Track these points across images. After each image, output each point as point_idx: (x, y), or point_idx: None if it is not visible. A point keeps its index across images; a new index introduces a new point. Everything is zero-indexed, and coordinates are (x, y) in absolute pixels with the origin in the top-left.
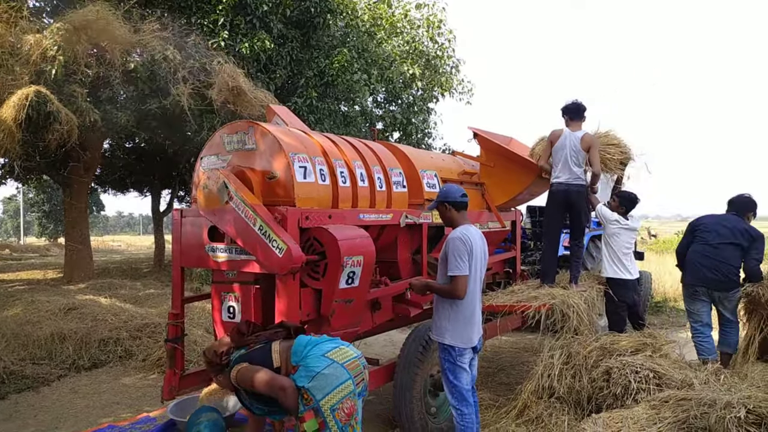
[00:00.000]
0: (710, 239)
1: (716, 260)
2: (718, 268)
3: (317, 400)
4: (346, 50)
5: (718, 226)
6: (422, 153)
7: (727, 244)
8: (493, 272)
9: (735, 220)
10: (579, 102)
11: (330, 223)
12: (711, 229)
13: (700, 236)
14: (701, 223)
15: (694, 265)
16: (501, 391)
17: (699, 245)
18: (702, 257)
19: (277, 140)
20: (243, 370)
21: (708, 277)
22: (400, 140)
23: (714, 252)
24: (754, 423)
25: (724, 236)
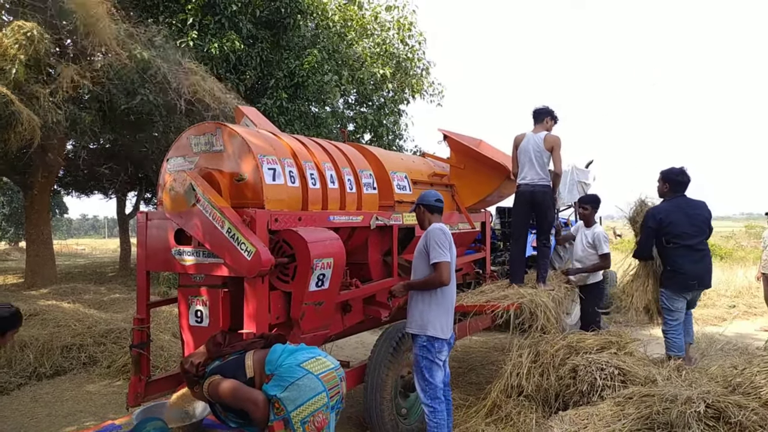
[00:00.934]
0: (690, 242)
1: (705, 262)
2: (707, 269)
3: (288, 411)
4: (316, 51)
5: (688, 224)
6: (392, 155)
7: (704, 241)
8: (464, 273)
9: (696, 206)
10: (540, 106)
11: (300, 226)
12: (684, 229)
13: (676, 240)
14: (670, 222)
15: (687, 273)
16: (471, 390)
17: (682, 251)
18: (692, 263)
19: (245, 142)
20: (214, 383)
21: (704, 278)
22: (371, 142)
23: (700, 255)
24: (712, 417)
25: (699, 233)
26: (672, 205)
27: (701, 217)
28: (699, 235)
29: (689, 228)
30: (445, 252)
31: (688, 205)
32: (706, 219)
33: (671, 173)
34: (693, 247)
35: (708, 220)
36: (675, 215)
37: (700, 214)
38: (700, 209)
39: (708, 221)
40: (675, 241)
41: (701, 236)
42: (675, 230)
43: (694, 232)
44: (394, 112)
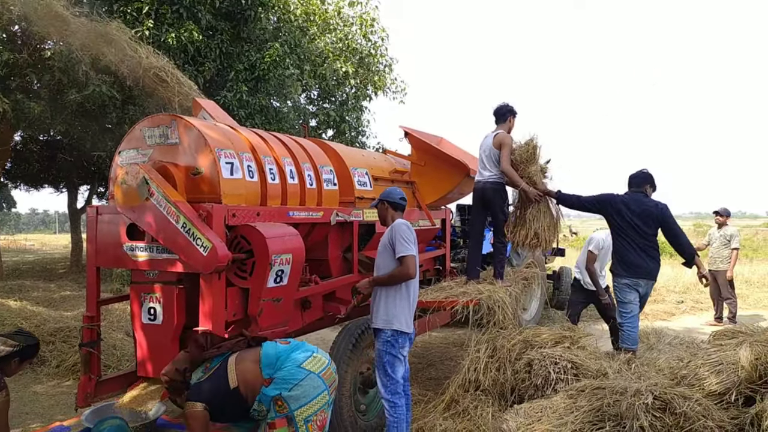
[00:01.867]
0: (637, 230)
1: (648, 251)
2: (655, 258)
3: (292, 409)
4: (278, 45)
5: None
6: (353, 151)
7: (650, 233)
8: (424, 269)
9: (644, 203)
10: (502, 104)
11: (258, 221)
12: (630, 217)
13: (624, 228)
14: (617, 210)
15: (634, 259)
16: (430, 386)
17: (629, 238)
18: (639, 250)
19: (202, 135)
20: (189, 418)
21: (651, 267)
22: (334, 138)
23: (644, 243)
24: (659, 408)
25: (645, 224)
26: (627, 197)
27: (651, 215)
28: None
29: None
30: (411, 246)
31: (641, 201)
32: (654, 216)
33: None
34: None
35: (657, 218)
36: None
37: (650, 211)
38: (650, 206)
39: (657, 218)
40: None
41: (649, 233)
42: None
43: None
44: (357, 108)
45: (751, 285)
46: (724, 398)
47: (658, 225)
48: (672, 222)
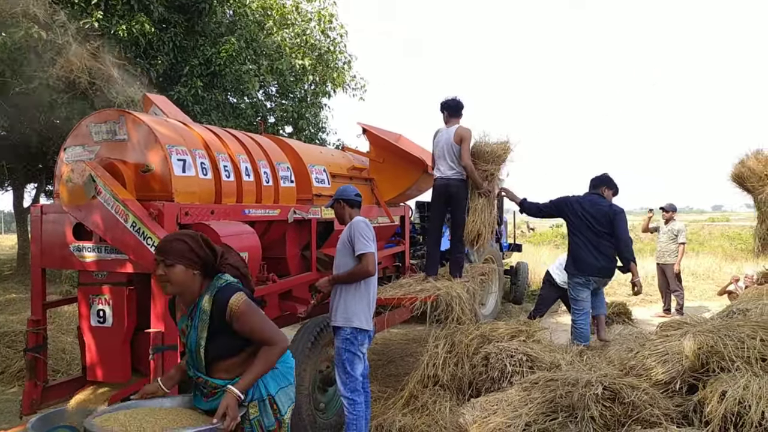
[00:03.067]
0: (591, 228)
1: (601, 249)
2: (608, 256)
3: (282, 413)
4: (234, 39)
5: (587, 214)
6: (311, 148)
7: (604, 234)
8: (383, 266)
9: (597, 202)
10: (454, 98)
11: (212, 219)
12: (584, 216)
13: (578, 227)
14: (573, 210)
15: (586, 257)
16: (390, 382)
17: (584, 237)
18: (591, 248)
19: (151, 131)
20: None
21: (602, 265)
22: (293, 135)
23: (597, 242)
24: (608, 398)
25: (598, 223)
26: (582, 197)
27: (602, 213)
28: (600, 228)
29: (592, 220)
30: (371, 243)
31: (596, 202)
32: (605, 214)
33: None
34: (596, 237)
35: (606, 216)
36: (582, 205)
37: (601, 210)
38: (602, 206)
39: (607, 216)
40: (580, 231)
41: (602, 231)
42: (579, 217)
43: (597, 225)
44: (316, 104)
45: (698, 277)
46: (670, 387)
47: (610, 225)
48: (621, 225)
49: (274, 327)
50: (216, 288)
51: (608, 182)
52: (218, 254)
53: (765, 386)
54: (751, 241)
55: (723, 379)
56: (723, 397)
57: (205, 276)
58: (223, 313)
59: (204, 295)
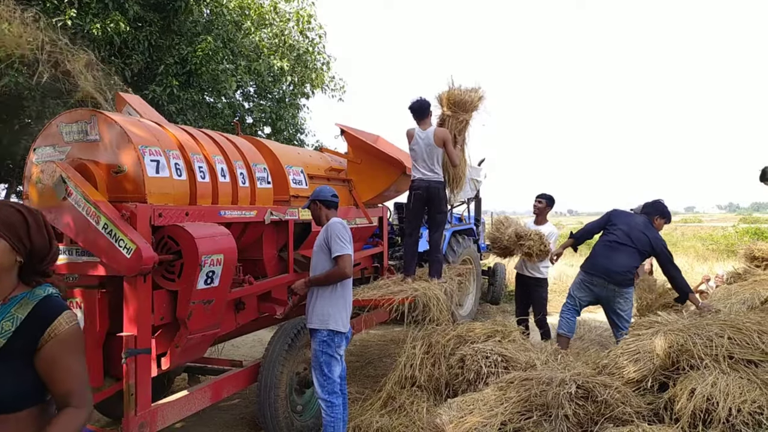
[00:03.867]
0: (617, 236)
1: (615, 255)
2: (617, 262)
3: None
4: (210, 38)
5: (625, 225)
6: (288, 149)
7: (628, 246)
8: (361, 267)
9: (643, 224)
10: (422, 100)
11: (187, 221)
12: (618, 226)
13: (609, 230)
14: (613, 221)
15: (596, 255)
16: (368, 383)
17: (604, 238)
18: (604, 248)
19: (124, 131)
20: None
21: (608, 268)
22: (271, 136)
23: (616, 247)
24: (582, 396)
25: (628, 237)
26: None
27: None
28: (628, 237)
29: (623, 227)
30: (347, 245)
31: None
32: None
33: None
34: (616, 241)
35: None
36: (623, 218)
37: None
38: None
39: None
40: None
41: (631, 242)
42: (612, 225)
43: (626, 233)
44: (294, 105)
45: None
46: (641, 385)
47: (646, 248)
48: (664, 255)
49: (87, 382)
50: (38, 297)
51: (662, 211)
52: (51, 253)
53: (732, 383)
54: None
55: (692, 376)
56: (692, 394)
57: (23, 275)
58: (38, 332)
59: (16, 299)
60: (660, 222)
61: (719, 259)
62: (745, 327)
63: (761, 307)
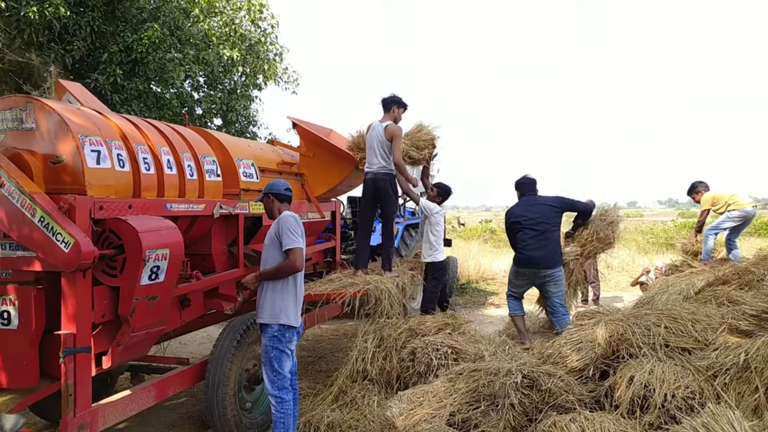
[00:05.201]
0: (531, 225)
1: (542, 241)
2: (544, 247)
3: None
4: (157, 26)
5: (528, 212)
6: (239, 141)
7: (546, 223)
8: (314, 262)
9: (542, 200)
10: (390, 95)
11: (130, 214)
12: (525, 218)
13: (520, 227)
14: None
15: (524, 250)
16: (320, 378)
17: (522, 233)
18: (529, 241)
19: (63, 120)
20: None
21: (537, 256)
22: (222, 127)
23: (535, 234)
24: (527, 386)
25: (540, 218)
26: (520, 202)
27: (542, 208)
28: (538, 219)
29: (528, 214)
30: (298, 238)
31: (533, 201)
32: (548, 208)
33: (516, 182)
34: (532, 230)
35: (548, 205)
36: (518, 209)
37: (542, 205)
38: (542, 201)
39: (548, 206)
40: (518, 229)
41: (540, 221)
42: (516, 219)
43: (533, 216)
44: (246, 96)
45: (612, 269)
46: (584, 373)
47: (560, 210)
48: (567, 201)
49: None
50: None
51: (533, 185)
52: None
53: (668, 370)
54: (662, 235)
55: (631, 364)
56: (631, 381)
57: None
58: None
59: None
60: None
61: (659, 251)
62: (680, 316)
63: (695, 297)
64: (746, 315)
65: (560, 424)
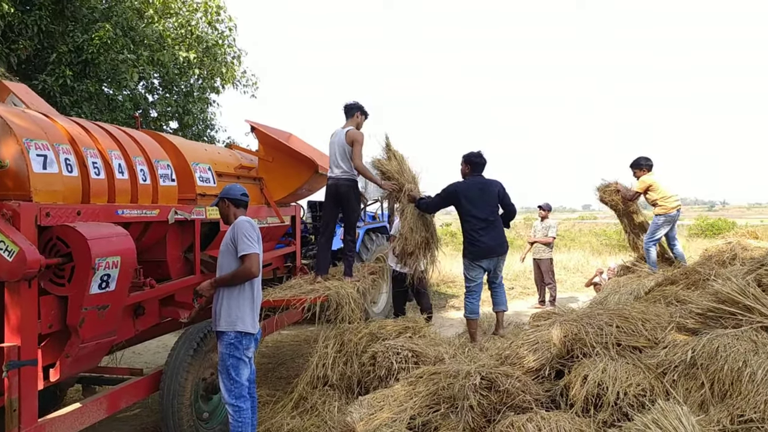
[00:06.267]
0: (481, 215)
1: (495, 232)
2: (498, 239)
3: None
4: (109, 26)
5: (480, 199)
6: (195, 145)
7: (494, 213)
8: (273, 267)
9: (489, 184)
10: (352, 102)
11: (79, 220)
12: (476, 204)
13: (470, 215)
14: (465, 195)
15: (478, 243)
16: (280, 385)
17: (474, 224)
18: (482, 235)
19: (5, 123)
20: None
21: (494, 247)
22: (178, 131)
23: (490, 227)
24: (485, 387)
25: (489, 207)
26: (470, 182)
27: (492, 193)
28: (489, 208)
29: (481, 203)
30: (254, 244)
31: (483, 183)
32: (496, 194)
33: (470, 155)
34: (484, 219)
35: (497, 196)
36: (471, 191)
37: (492, 190)
38: (492, 186)
39: (497, 196)
40: (469, 217)
41: (491, 210)
42: (469, 205)
43: (485, 207)
44: (203, 100)
45: (569, 271)
46: (540, 373)
47: (498, 199)
48: (508, 196)
49: None
50: None
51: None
52: None
53: (620, 369)
54: (614, 237)
55: (585, 364)
56: (585, 380)
57: None
58: None
59: None
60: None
61: (612, 253)
62: (631, 316)
63: (645, 297)
64: (693, 314)
65: (517, 424)
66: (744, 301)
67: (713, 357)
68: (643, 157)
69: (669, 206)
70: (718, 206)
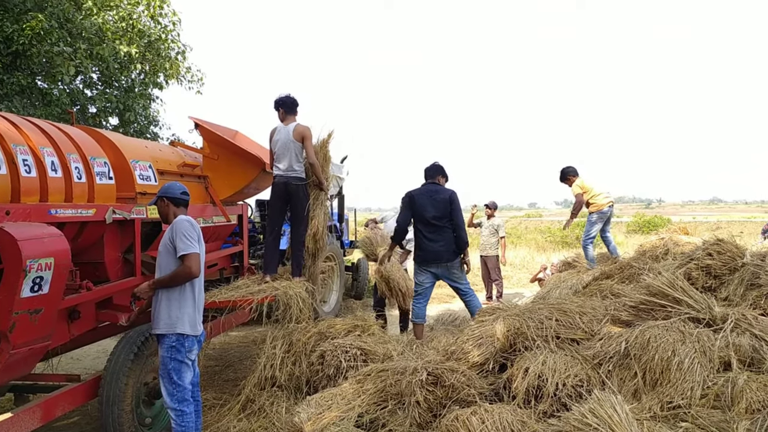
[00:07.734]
0: (429, 219)
1: (442, 239)
2: (445, 245)
3: None
4: (42, 17)
5: (430, 206)
6: (135, 142)
7: (441, 217)
8: (220, 267)
9: (439, 191)
10: (292, 96)
11: (8, 221)
12: (426, 210)
13: (420, 216)
14: (417, 202)
15: (424, 250)
16: (227, 388)
17: (424, 231)
18: (429, 241)
19: None
20: None
21: (441, 253)
22: (119, 128)
23: (438, 234)
24: (432, 383)
25: (437, 210)
26: (422, 188)
27: (443, 201)
28: (438, 214)
29: (430, 209)
30: (194, 243)
31: (434, 190)
32: (447, 201)
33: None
34: (432, 225)
35: (447, 202)
36: (422, 197)
37: (442, 198)
38: (442, 193)
39: (448, 203)
40: (418, 223)
41: (440, 216)
42: (419, 210)
43: (433, 213)
44: (145, 96)
45: (515, 267)
46: (485, 367)
47: (449, 209)
48: (457, 208)
49: None
50: None
51: (443, 171)
52: None
53: (559, 361)
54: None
55: (526, 356)
56: (526, 372)
57: None
58: None
59: None
60: (443, 181)
61: (555, 249)
62: (570, 310)
63: (583, 291)
64: (627, 306)
65: (462, 417)
66: (673, 293)
67: (645, 347)
68: (566, 167)
69: (600, 203)
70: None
